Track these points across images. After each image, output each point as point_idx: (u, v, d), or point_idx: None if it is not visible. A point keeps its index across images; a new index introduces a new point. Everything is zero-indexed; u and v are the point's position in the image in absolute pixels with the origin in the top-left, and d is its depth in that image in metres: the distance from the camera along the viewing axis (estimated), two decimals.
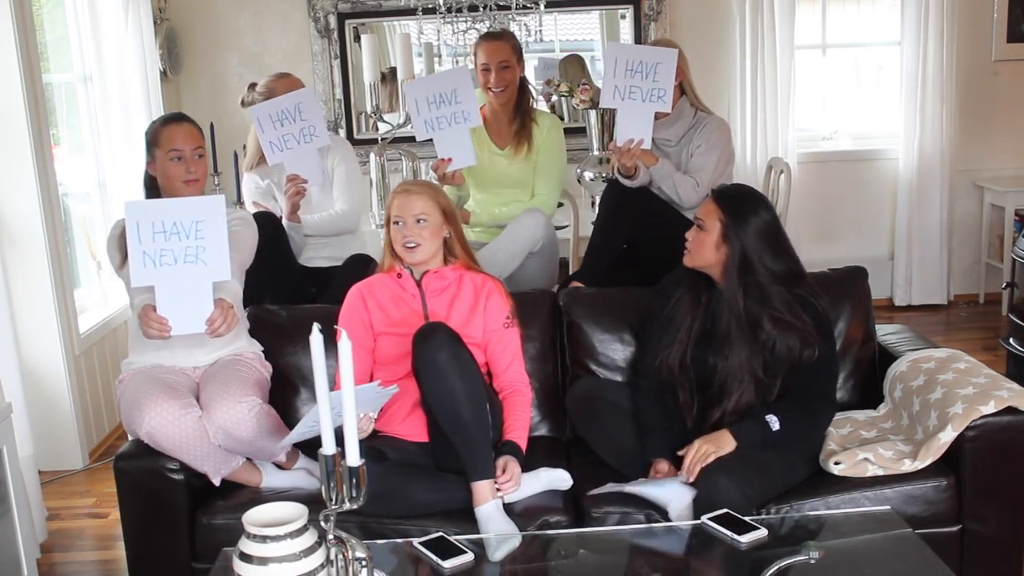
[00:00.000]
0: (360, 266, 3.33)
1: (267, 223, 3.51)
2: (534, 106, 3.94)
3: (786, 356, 2.57)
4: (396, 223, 2.69)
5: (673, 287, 2.77)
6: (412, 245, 2.67)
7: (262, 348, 2.94)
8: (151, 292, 2.56)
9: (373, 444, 2.62)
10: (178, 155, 2.85)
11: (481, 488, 2.49)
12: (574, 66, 5.84)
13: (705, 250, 2.64)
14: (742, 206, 2.63)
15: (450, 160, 3.52)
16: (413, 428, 2.68)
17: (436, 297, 2.72)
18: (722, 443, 2.50)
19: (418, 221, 2.66)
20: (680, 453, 2.54)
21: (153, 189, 2.95)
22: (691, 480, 2.47)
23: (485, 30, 4.39)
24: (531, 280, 3.64)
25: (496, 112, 3.85)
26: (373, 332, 2.73)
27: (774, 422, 2.53)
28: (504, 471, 2.53)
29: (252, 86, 3.78)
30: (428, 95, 3.45)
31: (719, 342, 2.61)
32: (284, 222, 3.56)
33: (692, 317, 2.69)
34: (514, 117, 3.84)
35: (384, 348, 2.72)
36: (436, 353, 2.49)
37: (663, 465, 2.60)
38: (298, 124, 3.44)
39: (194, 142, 2.89)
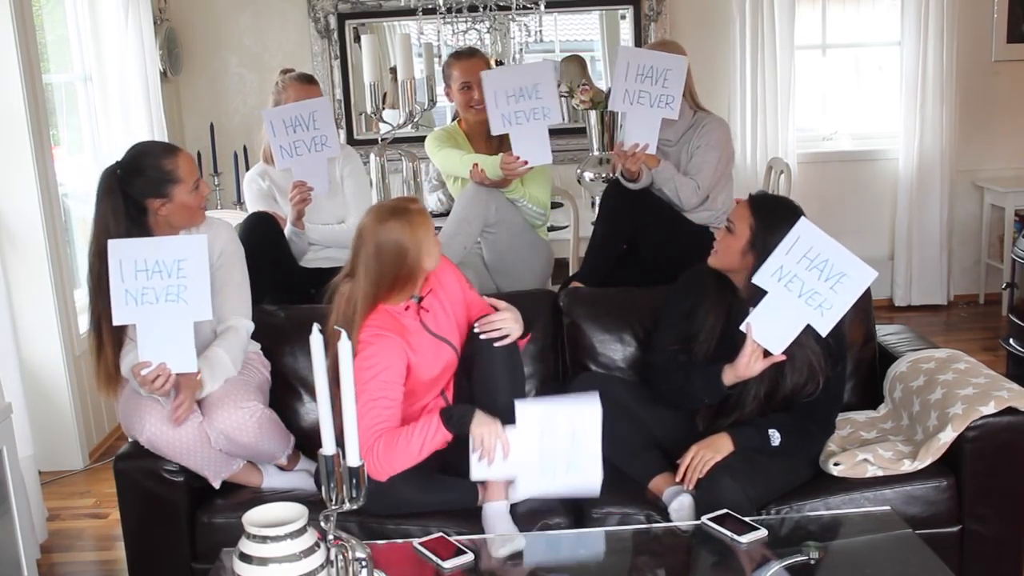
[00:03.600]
0: None
1: (266, 224, 3.51)
2: None
3: (791, 387, 2.53)
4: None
5: (700, 280, 2.70)
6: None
7: (259, 346, 2.92)
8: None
9: None
10: (196, 184, 2.73)
11: (496, 485, 2.49)
12: (574, 66, 5.83)
13: (731, 254, 2.59)
14: (776, 218, 2.56)
15: (525, 161, 3.41)
16: None
17: (431, 315, 2.59)
18: (720, 447, 2.49)
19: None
20: (678, 461, 2.52)
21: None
22: (689, 488, 2.46)
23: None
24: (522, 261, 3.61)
25: (472, 126, 3.81)
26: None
27: (775, 437, 2.50)
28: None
29: (286, 72, 3.72)
30: (508, 88, 3.35)
31: (736, 353, 2.53)
32: (287, 228, 3.54)
33: (715, 316, 2.64)
34: None
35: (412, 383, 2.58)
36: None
37: (660, 482, 2.58)
38: (310, 132, 3.38)
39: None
